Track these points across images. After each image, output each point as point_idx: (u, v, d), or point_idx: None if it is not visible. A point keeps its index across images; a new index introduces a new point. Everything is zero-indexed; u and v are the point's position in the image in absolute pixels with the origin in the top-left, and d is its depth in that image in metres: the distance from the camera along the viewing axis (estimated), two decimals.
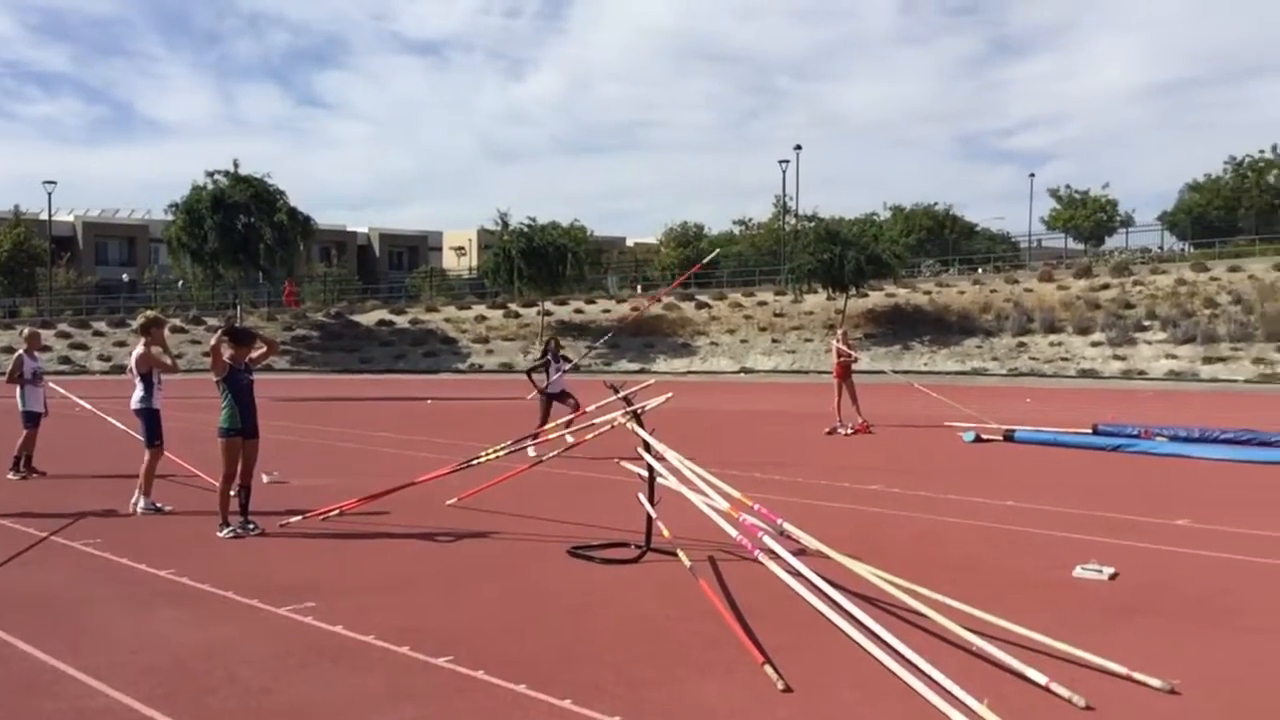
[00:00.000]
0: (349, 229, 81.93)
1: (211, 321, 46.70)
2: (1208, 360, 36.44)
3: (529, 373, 15.10)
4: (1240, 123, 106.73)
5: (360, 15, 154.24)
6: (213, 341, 9.18)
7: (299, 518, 9.34)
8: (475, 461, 9.60)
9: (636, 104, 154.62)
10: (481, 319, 52.71)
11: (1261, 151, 52.48)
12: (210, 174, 42.59)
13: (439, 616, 6.37)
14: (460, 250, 78.63)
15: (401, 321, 53.43)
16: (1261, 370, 34.88)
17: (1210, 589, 7.08)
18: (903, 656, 5.12)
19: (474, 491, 10.09)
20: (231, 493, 9.00)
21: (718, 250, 26.41)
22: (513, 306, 52.95)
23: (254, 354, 9.26)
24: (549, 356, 15.02)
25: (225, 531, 8.85)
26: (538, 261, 47.38)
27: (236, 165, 42.97)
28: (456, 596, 6.92)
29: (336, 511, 9.47)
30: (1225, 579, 7.38)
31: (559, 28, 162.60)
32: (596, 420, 9.06)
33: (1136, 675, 5.01)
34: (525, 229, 48.91)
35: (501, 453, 9.50)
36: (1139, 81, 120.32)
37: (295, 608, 6.47)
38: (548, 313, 50.70)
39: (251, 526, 8.96)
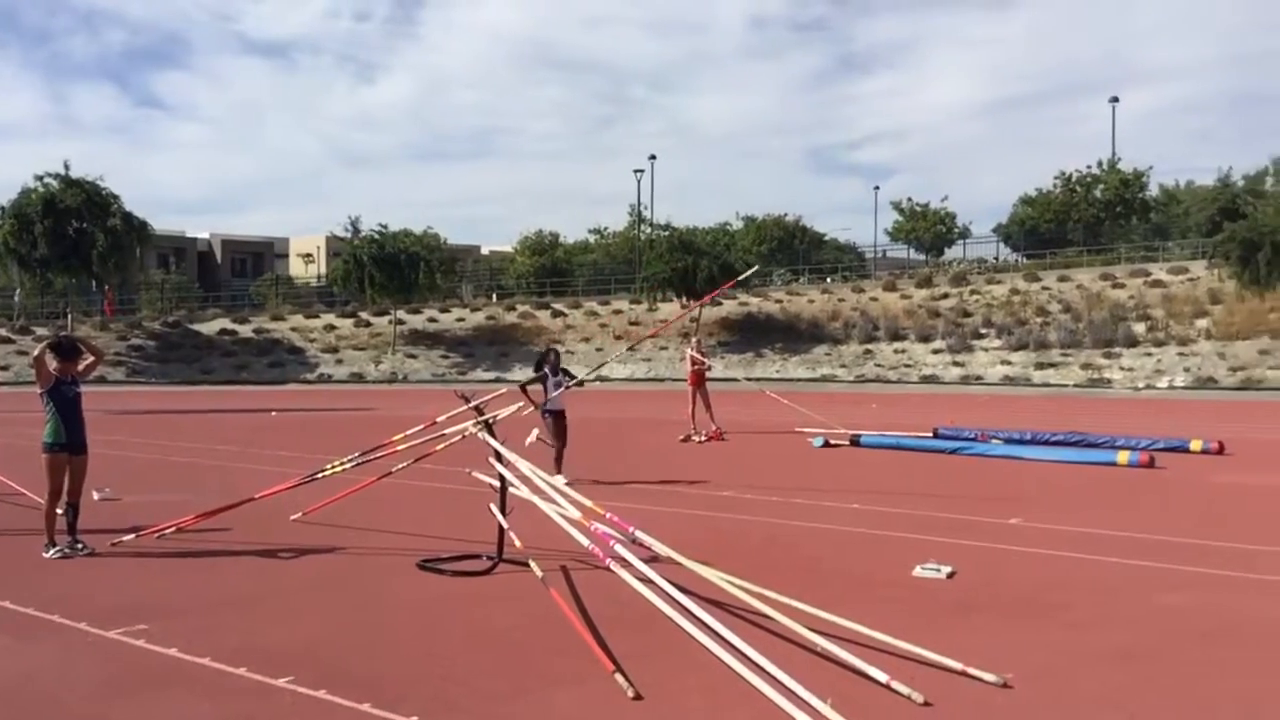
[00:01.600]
0: (189, 235, 78.81)
1: (41, 331, 44.28)
2: (1040, 366, 38.25)
3: (523, 387, 12.66)
4: (1069, 139, 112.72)
5: (202, 15, 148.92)
6: (35, 353, 8.72)
7: (132, 536, 8.91)
8: (321, 474, 9.34)
9: (490, 111, 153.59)
10: (330, 328, 51.47)
11: (1089, 167, 55.31)
12: (40, 177, 40.52)
13: (280, 636, 6.16)
14: (308, 257, 76.52)
15: (245, 330, 51.68)
16: (1089, 375, 36.79)
17: (1040, 585, 7.41)
18: (750, 659, 5.19)
19: (320, 506, 9.81)
20: (58, 511, 8.54)
21: (755, 268, 25.93)
22: (363, 315, 51.88)
23: (80, 366, 8.81)
24: (546, 369, 12.93)
25: (52, 551, 8.39)
26: (390, 269, 46.55)
27: (68, 168, 40.96)
28: (299, 614, 6.71)
29: (172, 529, 9.07)
30: (1053, 575, 7.74)
31: (410, 32, 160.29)
32: (447, 430, 8.92)
33: (972, 670, 5.19)
34: (376, 236, 48.00)
35: (349, 465, 9.26)
36: (975, 99, 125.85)
37: (126, 630, 6.16)
38: (400, 321, 49.85)
39: (80, 546, 8.51)
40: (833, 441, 16.86)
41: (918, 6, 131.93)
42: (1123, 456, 14.21)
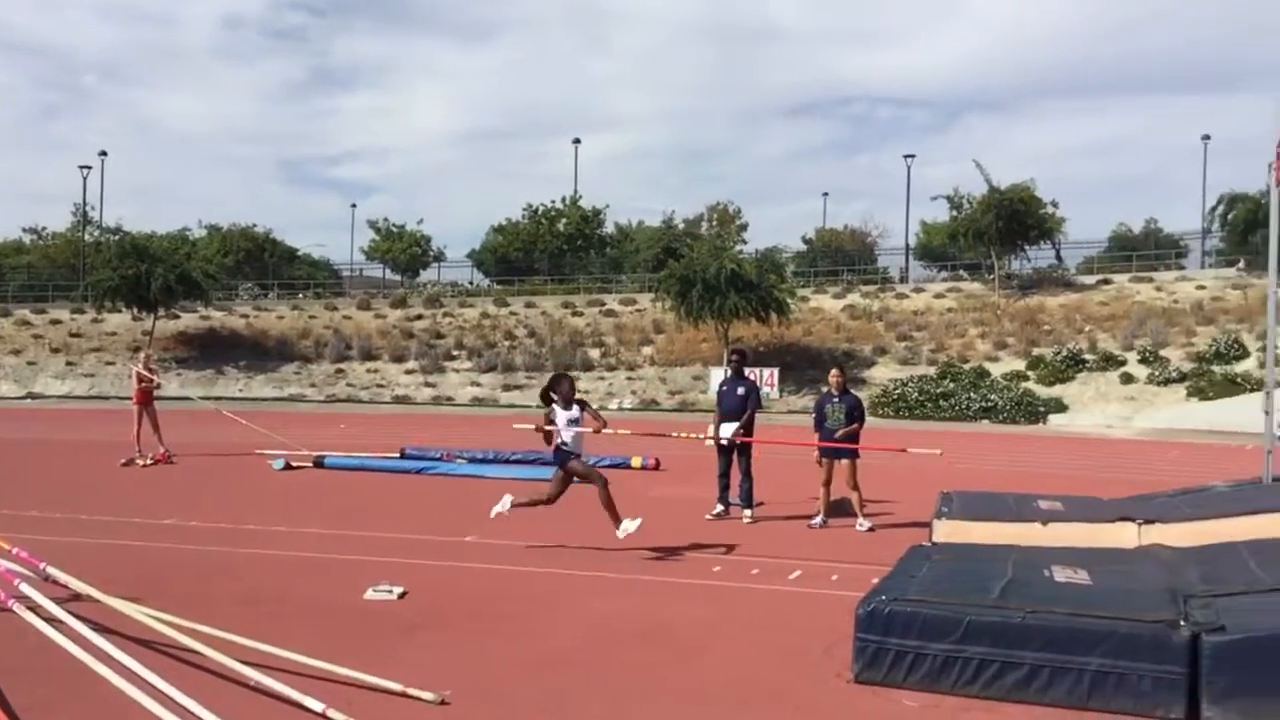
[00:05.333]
0: None
1: None
2: (506, 388, 39.93)
3: (542, 429, 10.02)
4: (538, 174, 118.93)
5: None
6: None
7: None
8: None
9: None
10: None
11: (553, 202, 58.88)
12: None
13: None
14: None
15: None
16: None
17: (486, 599, 7.63)
18: (174, 701, 4.77)
19: None
20: None
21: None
22: None
23: None
24: (557, 401, 9.83)
25: None
26: None
27: None
28: None
29: None
30: (500, 588, 8.01)
31: None
32: None
33: (411, 691, 5.18)
34: None
35: None
36: (454, 127, 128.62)
37: None
38: None
39: None
40: (294, 463, 16.28)
41: (397, 29, 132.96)
42: None
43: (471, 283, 59.96)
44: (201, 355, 42.74)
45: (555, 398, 9.79)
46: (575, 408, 9.85)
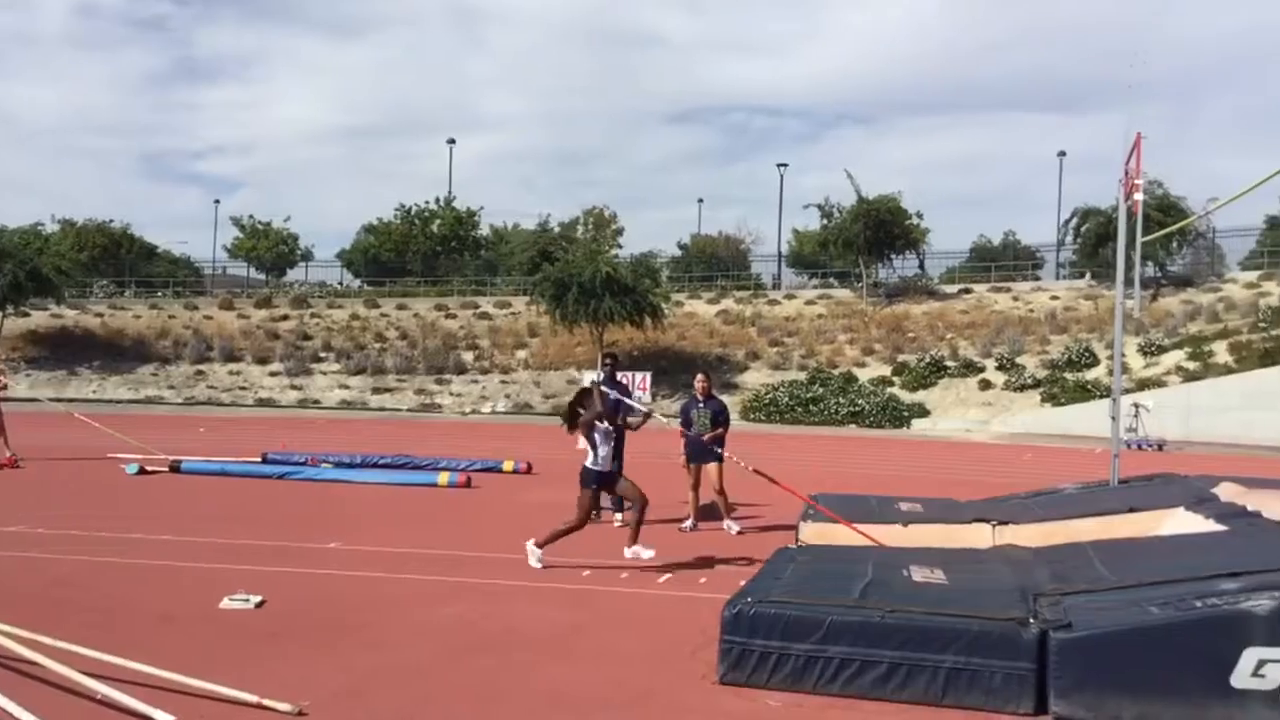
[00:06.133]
0: None
1: None
2: (376, 390, 39.24)
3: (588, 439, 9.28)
4: (412, 173, 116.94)
5: None
6: None
7: None
8: None
9: None
10: None
11: (427, 202, 58.03)
12: None
13: None
14: None
15: None
16: (422, 400, 38.50)
17: (347, 606, 7.45)
18: (12, 716, 4.54)
19: None
20: None
21: None
22: None
23: None
24: (592, 404, 9.14)
25: None
26: None
27: None
28: None
29: None
30: (362, 596, 7.84)
31: None
32: None
33: (266, 702, 5.03)
34: None
35: None
36: (323, 122, 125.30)
37: None
38: None
39: None
40: (149, 468, 15.67)
41: (264, 22, 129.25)
42: (443, 477, 15.00)
43: (341, 283, 58.75)
44: (53, 355, 40.89)
45: (591, 405, 9.17)
46: (606, 421, 9.21)
